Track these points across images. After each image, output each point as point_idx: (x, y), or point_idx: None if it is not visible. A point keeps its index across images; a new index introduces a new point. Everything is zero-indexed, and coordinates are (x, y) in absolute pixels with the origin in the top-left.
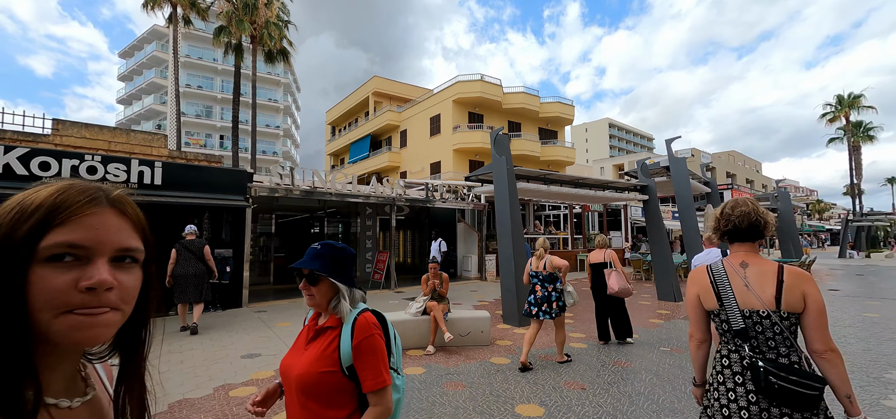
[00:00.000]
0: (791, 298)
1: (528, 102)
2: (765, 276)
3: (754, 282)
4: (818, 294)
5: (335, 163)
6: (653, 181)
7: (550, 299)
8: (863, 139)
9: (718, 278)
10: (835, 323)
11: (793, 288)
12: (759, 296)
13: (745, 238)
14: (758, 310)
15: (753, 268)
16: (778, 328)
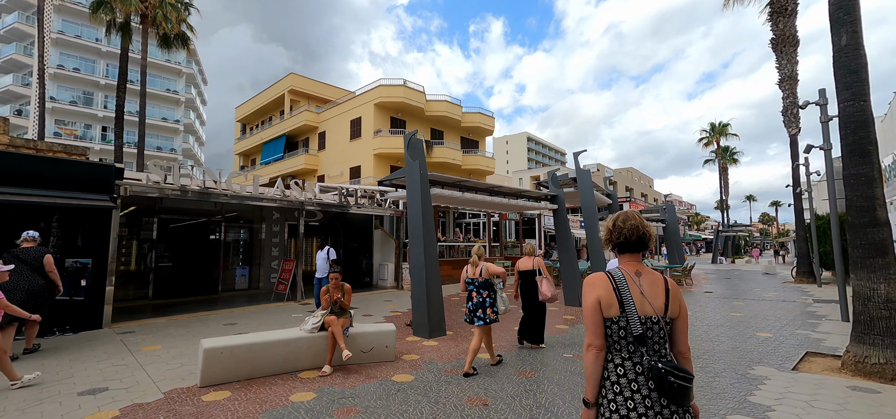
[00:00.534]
0: (674, 306)
1: (450, 111)
2: (656, 285)
3: (648, 290)
4: (685, 303)
5: (245, 163)
6: (562, 191)
7: (485, 305)
8: (729, 161)
9: (620, 284)
10: (709, 323)
11: (675, 297)
12: (653, 303)
13: (634, 249)
14: (651, 317)
15: (646, 278)
16: (663, 333)
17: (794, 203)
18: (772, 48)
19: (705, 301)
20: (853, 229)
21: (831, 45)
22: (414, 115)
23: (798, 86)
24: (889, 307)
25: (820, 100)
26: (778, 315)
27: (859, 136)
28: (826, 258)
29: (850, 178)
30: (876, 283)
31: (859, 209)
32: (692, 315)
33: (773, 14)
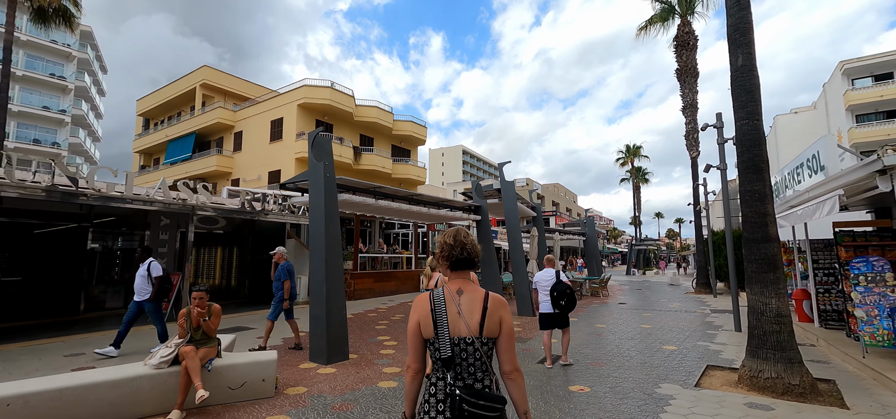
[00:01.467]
0: (491, 324)
1: (381, 117)
2: (474, 303)
3: (466, 308)
4: (510, 319)
5: (146, 163)
6: (485, 202)
7: None
8: (642, 181)
9: (438, 305)
10: (621, 336)
11: (493, 314)
12: (468, 322)
13: (468, 266)
14: (464, 337)
15: (467, 295)
16: (478, 354)
17: (694, 220)
18: (677, 78)
19: (619, 312)
20: (748, 244)
21: (729, 66)
22: (342, 119)
23: (698, 113)
24: (779, 321)
25: (717, 123)
26: (681, 326)
27: (753, 153)
28: (720, 271)
29: (746, 195)
30: (768, 298)
31: (753, 225)
32: (610, 328)
33: (677, 47)
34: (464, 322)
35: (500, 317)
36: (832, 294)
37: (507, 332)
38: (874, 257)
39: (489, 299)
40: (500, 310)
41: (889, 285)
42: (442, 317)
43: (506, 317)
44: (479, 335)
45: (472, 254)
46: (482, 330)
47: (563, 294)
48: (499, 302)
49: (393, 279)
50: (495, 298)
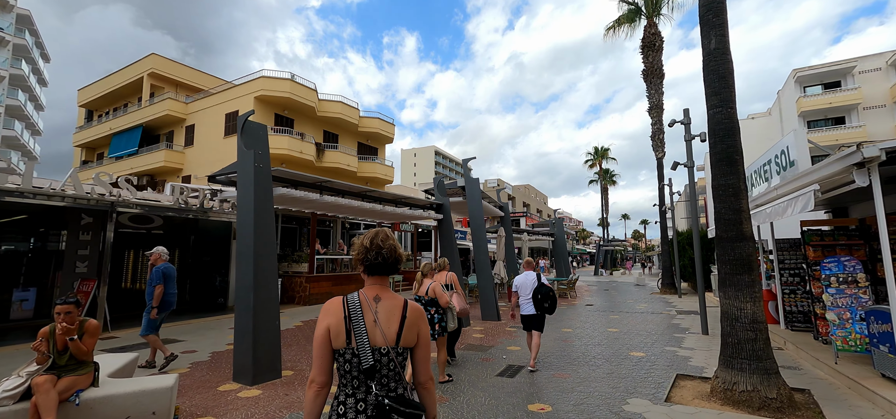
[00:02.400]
0: (409, 335)
1: (345, 113)
2: (392, 313)
3: (383, 317)
4: (426, 329)
5: (89, 157)
6: (447, 200)
7: (433, 321)
8: (609, 183)
9: (353, 312)
10: (588, 342)
11: (412, 325)
12: (385, 332)
13: (386, 271)
14: (381, 348)
15: (384, 303)
16: (392, 364)
17: (660, 220)
18: (643, 79)
19: (587, 315)
20: (721, 244)
21: (701, 50)
22: (303, 113)
23: (663, 115)
24: (755, 328)
25: (684, 119)
26: (648, 329)
27: (727, 144)
28: (685, 271)
29: (719, 189)
30: (743, 302)
31: (727, 222)
32: (577, 333)
33: (644, 48)
34: (380, 331)
35: (419, 329)
36: (798, 295)
37: (425, 343)
38: (845, 257)
39: (408, 309)
40: (419, 321)
41: (861, 286)
42: (359, 325)
43: (423, 328)
44: (396, 345)
45: (389, 257)
46: (399, 340)
47: (546, 296)
48: (418, 312)
49: (353, 282)
50: (414, 308)
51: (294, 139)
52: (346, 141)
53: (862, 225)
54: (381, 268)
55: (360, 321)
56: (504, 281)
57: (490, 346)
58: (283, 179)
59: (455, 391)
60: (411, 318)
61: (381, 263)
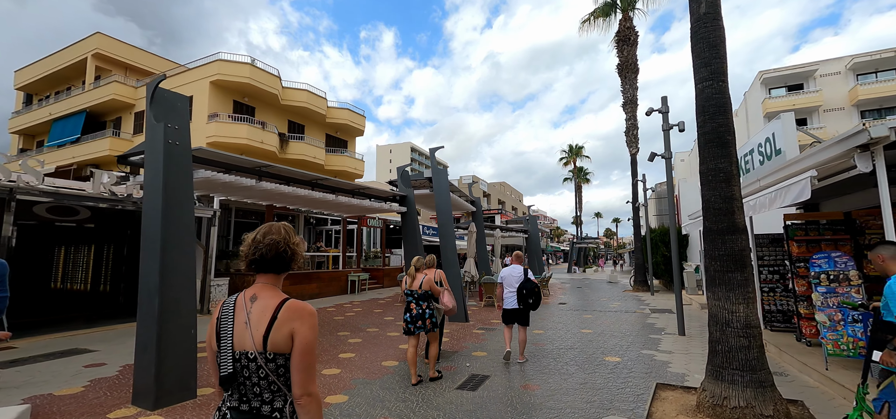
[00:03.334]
0: (278, 337)
1: (312, 102)
2: (264, 312)
3: (254, 318)
4: (308, 333)
5: (27, 145)
6: (412, 192)
7: (425, 317)
8: (583, 181)
9: (225, 314)
10: (561, 345)
11: (283, 325)
12: (253, 334)
13: (270, 269)
14: (247, 352)
15: (260, 302)
16: (262, 372)
17: (632, 217)
18: (618, 73)
19: (560, 314)
20: (711, 237)
21: (690, 16)
22: (265, 101)
23: (637, 110)
24: (748, 334)
25: (662, 107)
26: (623, 330)
27: (718, 122)
28: (658, 268)
29: (708, 174)
30: (735, 304)
31: (717, 212)
32: (549, 334)
33: (619, 42)
34: (250, 333)
35: (292, 330)
36: (777, 293)
37: (302, 348)
38: (836, 253)
39: (283, 308)
40: (294, 321)
41: (855, 285)
42: (227, 328)
43: (302, 330)
44: (263, 350)
45: (268, 253)
46: (266, 343)
47: (531, 292)
48: (295, 311)
49: (315, 281)
50: (292, 307)
51: (254, 128)
52: (313, 132)
53: (848, 218)
54: (261, 265)
55: (229, 323)
56: (475, 279)
57: (454, 353)
58: (208, 161)
59: (404, 411)
60: (283, 317)
61: (258, 259)
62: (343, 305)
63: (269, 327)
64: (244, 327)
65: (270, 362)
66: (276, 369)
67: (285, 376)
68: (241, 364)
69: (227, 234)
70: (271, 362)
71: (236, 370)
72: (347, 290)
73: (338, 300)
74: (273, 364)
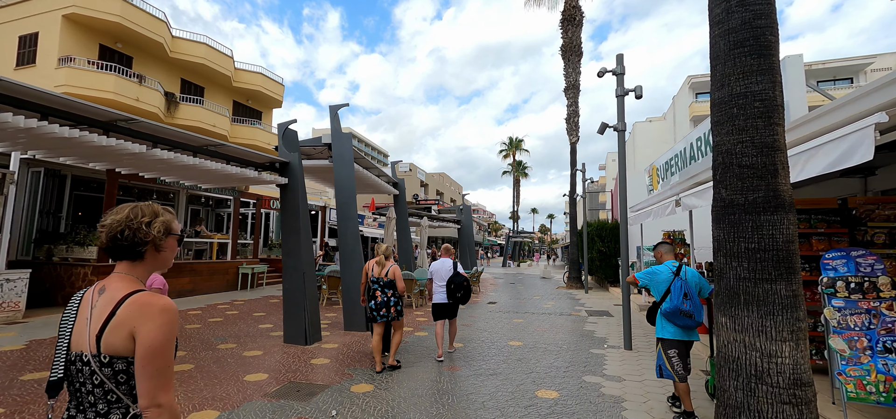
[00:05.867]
0: (115, 337)
1: (213, 60)
2: (106, 306)
3: (96, 314)
4: (155, 333)
5: None
6: (298, 158)
7: (389, 304)
8: (521, 175)
9: (69, 309)
10: (481, 369)
11: (122, 323)
12: (90, 333)
13: (121, 256)
14: (82, 354)
15: (106, 295)
16: (97, 378)
17: (569, 209)
18: (561, 56)
19: (487, 318)
20: (731, 218)
21: None
22: (148, 51)
23: (580, 95)
24: (798, 398)
25: (617, 68)
26: (558, 341)
27: (755, 10)
28: (592, 264)
29: (730, 104)
30: (775, 341)
31: (746, 172)
32: (469, 349)
33: (564, 22)
34: (88, 332)
35: (133, 329)
36: None
37: (146, 352)
38: (858, 251)
39: (126, 302)
40: (137, 319)
41: (885, 298)
42: (66, 325)
43: (145, 329)
44: (97, 352)
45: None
46: (100, 344)
47: (459, 286)
48: (140, 307)
49: (188, 274)
50: (138, 302)
51: (127, 81)
52: (215, 96)
53: (843, 207)
54: (113, 252)
55: (69, 319)
56: None
57: (325, 386)
58: None
59: None
60: (124, 314)
61: (105, 247)
62: (218, 305)
63: (105, 324)
64: (84, 324)
65: (105, 367)
66: (114, 375)
67: (128, 384)
68: (75, 367)
69: (55, 210)
70: (107, 367)
71: (70, 374)
72: (238, 285)
73: (218, 298)
74: (109, 369)
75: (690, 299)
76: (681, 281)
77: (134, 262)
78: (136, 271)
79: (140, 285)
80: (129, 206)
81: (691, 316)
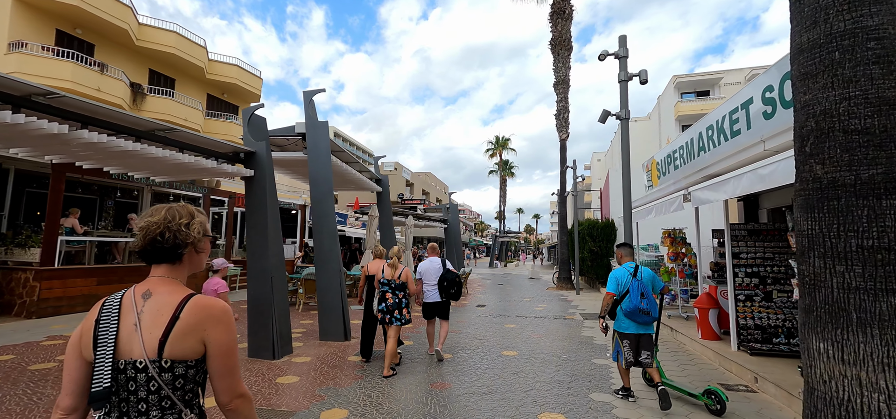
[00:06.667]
0: (182, 343)
1: (183, 49)
2: (160, 311)
3: (147, 320)
4: (224, 336)
5: None
6: (266, 147)
7: (401, 306)
8: (508, 174)
9: (107, 315)
10: (472, 386)
11: (189, 329)
12: (145, 339)
13: (160, 259)
14: (135, 361)
15: (156, 300)
16: (154, 385)
17: (558, 208)
18: (550, 50)
19: (476, 323)
20: (829, 199)
21: None
22: (112, 39)
23: (569, 91)
24: None
25: (620, 50)
26: (556, 349)
27: None
28: (584, 264)
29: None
30: None
31: (854, 139)
32: (459, 361)
33: (553, 15)
34: (140, 338)
35: (204, 336)
36: (756, 303)
37: (221, 352)
38: None
39: (187, 306)
40: (204, 323)
41: None
42: (108, 332)
43: (216, 332)
44: (158, 357)
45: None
46: (162, 350)
47: (452, 282)
48: (204, 311)
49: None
50: (200, 306)
51: (87, 69)
52: (188, 89)
53: None
54: (147, 255)
55: (111, 325)
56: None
57: (290, 414)
58: None
59: None
60: (188, 318)
61: (141, 250)
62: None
63: (168, 330)
64: (133, 330)
65: (166, 372)
66: (173, 380)
67: (184, 388)
68: (125, 376)
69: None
70: (167, 372)
71: (119, 383)
72: None
73: None
74: (169, 374)
75: (647, 298)
76: (637, 281)
77: (174, 265)
78: (176, 273)
79: (188, 289)
80: (165, 208)
81: (648, 313)
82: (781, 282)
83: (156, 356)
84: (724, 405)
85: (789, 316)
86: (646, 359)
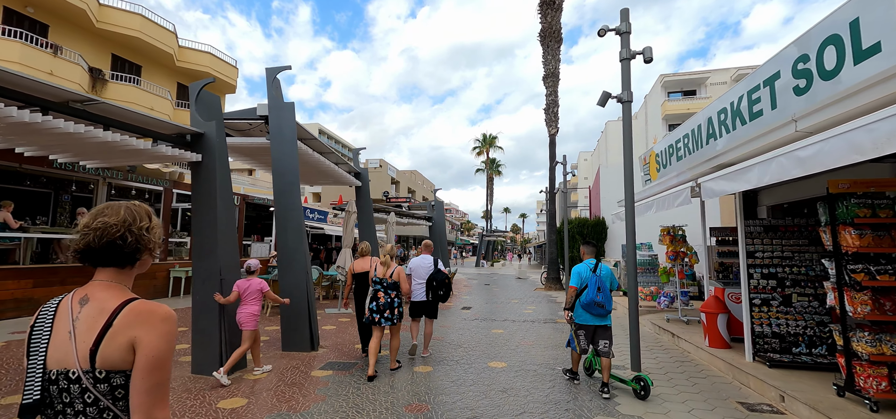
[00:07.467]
0: (112, 349)
1: (150, 33)
2: (96, 318)
3: (82, 327)
4: (157, 342)
5: None
6: (215, 128)
7: (393, 306)
8: (495, 173)
9: (41, 322)
10: (455, 409)
11: (119, 332)
12: (78, 348)
13: (108, 262)
14: (68, 371)
15: (93, 306)
16: (90, 397)
17: (548, 205)
18: (540, 42)
19: (463, 327)
20: None
21: None
22: (68, 19)
23: (559, 84)
24: None
25: (621, 25)
26: (548, 360)
27: None
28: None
29: None
30: None
31: None
32: (438, 370)
33: (542, 5)
34: (73, 346)
35: (133, 339)
36: (773, 308)
37: (147, 363)
38: None
39: (123, 310)
40: (137, 326)
41: None
42: (40, 340)
43: (147, 338)
44: (91, 367)
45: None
46: (94, 358)
47: (441, 283)
48: (140, 314)
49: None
50: (137, 310)
51: (38, 51)
52: (155, 76)
53: None
54: (93, 257)
55: (43, 333)
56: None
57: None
58: None
59: None
60: (122, 323)
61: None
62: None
63: (101, 336)
64: (66, 338)
65: (101, 383)
66: (111, 391)
67: (125, 400)
68: (58, 387)
69: None
70: (103, 382)
71: (50, 395)
72: (169, 292)
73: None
74: (105, 385)
75: (603, 292)
76: (596, 277)
77: (123, 269)
78: (124, 278)
79: (132, 293)
80: (122, 206)
81: (603, 306)
82: (802, 284)
83: (89, 366)
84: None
85: (811, 322)
86: (603, 348)
